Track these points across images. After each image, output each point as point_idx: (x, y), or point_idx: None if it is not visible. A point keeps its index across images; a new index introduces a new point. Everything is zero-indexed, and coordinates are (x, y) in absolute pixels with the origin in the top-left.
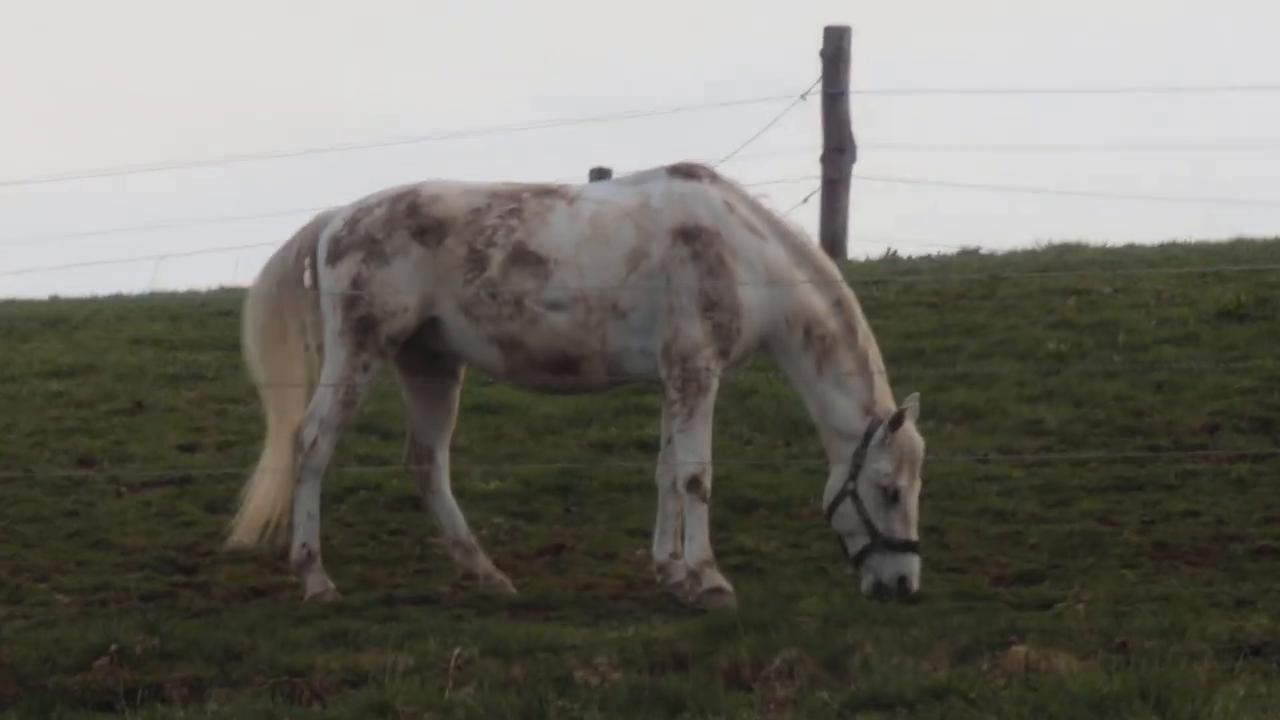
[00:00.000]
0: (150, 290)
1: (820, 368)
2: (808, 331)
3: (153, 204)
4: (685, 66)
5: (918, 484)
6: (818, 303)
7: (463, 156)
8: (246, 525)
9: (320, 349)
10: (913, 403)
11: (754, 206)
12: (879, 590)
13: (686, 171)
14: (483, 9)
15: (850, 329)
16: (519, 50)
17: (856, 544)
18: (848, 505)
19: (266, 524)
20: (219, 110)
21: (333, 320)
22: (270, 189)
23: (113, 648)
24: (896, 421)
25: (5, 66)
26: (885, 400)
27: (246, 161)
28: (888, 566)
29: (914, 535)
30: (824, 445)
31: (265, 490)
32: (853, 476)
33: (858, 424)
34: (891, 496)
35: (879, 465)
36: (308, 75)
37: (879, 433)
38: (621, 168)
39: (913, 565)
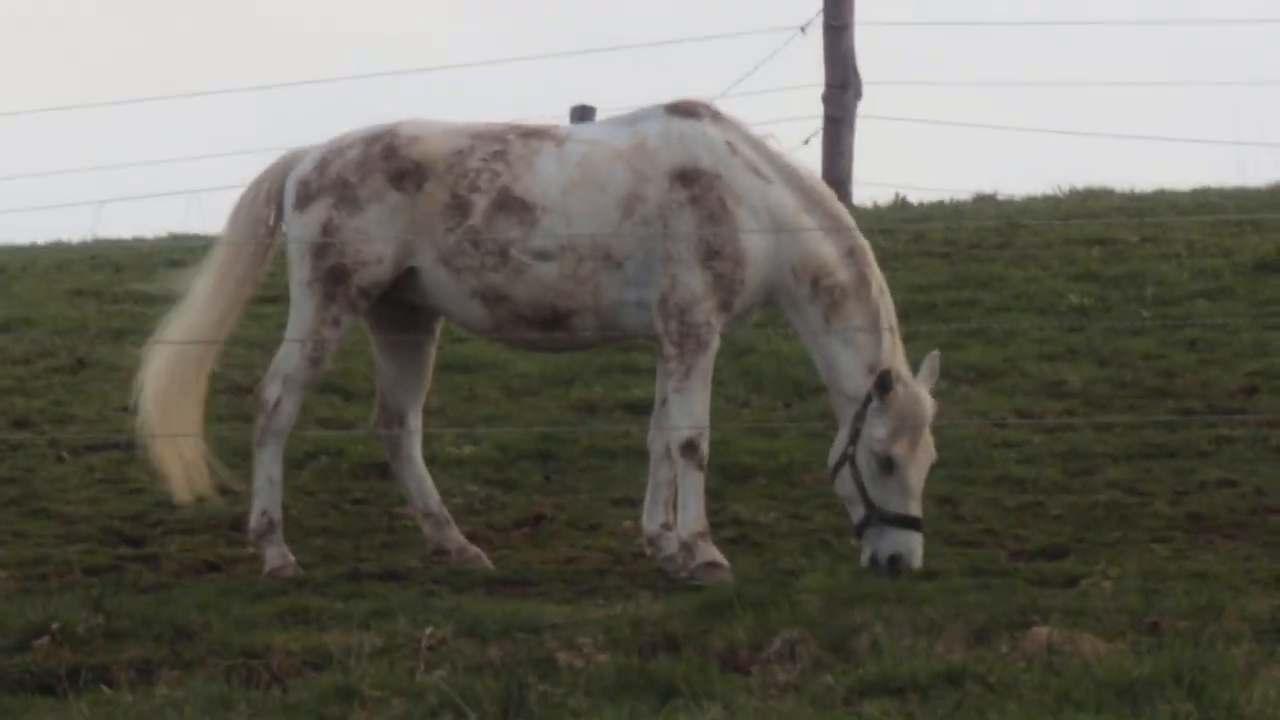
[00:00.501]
0: (92, 237)
1: (828, 321)
2: (815, 282)
3: (95, 143)
4: None
5: (923, 454)
6: (828, 251)
7: (433, 93)
8: (177, 489)
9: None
10: (932, 362)
11: (759, 147)
12: (874, 565)
13: (686, 110)
14: None
15: (863, 280)
16: None
17: (856, 514)
18: (846, 472)
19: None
20: (167, 41)
21: (300, 270)
22: (227, 127)
23: (53, 626)
24: (883, 383)
25: None
26: (893, 359)
27: (199, 97)
28: (882, 542)
29: (912, 510)
30: (832, 406)
31: (169, 460)
32: (852, 441)
33: (861, 384)
34: (885, 464)
35: (873, 430)
36: (263, 4)
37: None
38: (605, 106)
39: (909, 542)
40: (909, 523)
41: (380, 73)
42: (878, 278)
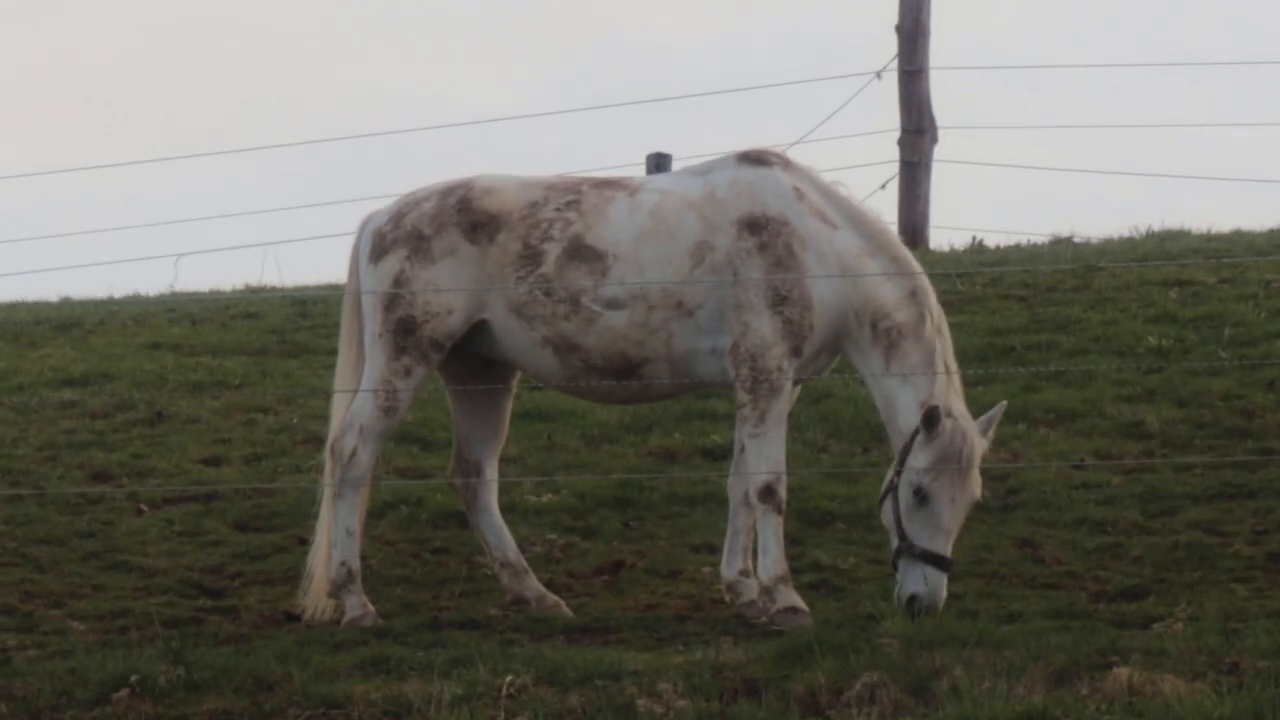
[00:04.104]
0: (169, 290)
1: (887, 363)
2: (874, 325)
3: (171, 198)
4: (750, 46)
5: (964, 494)
6: (886, 294)
7: (510, 146)
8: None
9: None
10: (997, 411)
11: (827, 193)
12: (898, 601)
13: (756, 158)
14: None
15: (920, 320)
16: (564, 33)
17: (893, 544)
18: (889, 501)
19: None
20: (240, 100)
21: (373, 321)
22: (298, 181)
23: (133, 679)
24: (930, 418)
25: (9, 57)
26: (945, 397)
27: (271, 151)
28: (907, 579)
29: (939, 547)
30: (891, 444)
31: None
32: (898, 472)
33: (914, 420)
34: (920, 497)
35: (914, 461)
36: (336, 62)
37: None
38: (683, 154)
39: (932, 583)
40: (934, 560)
41: (456, 123)
42: (935, 318)
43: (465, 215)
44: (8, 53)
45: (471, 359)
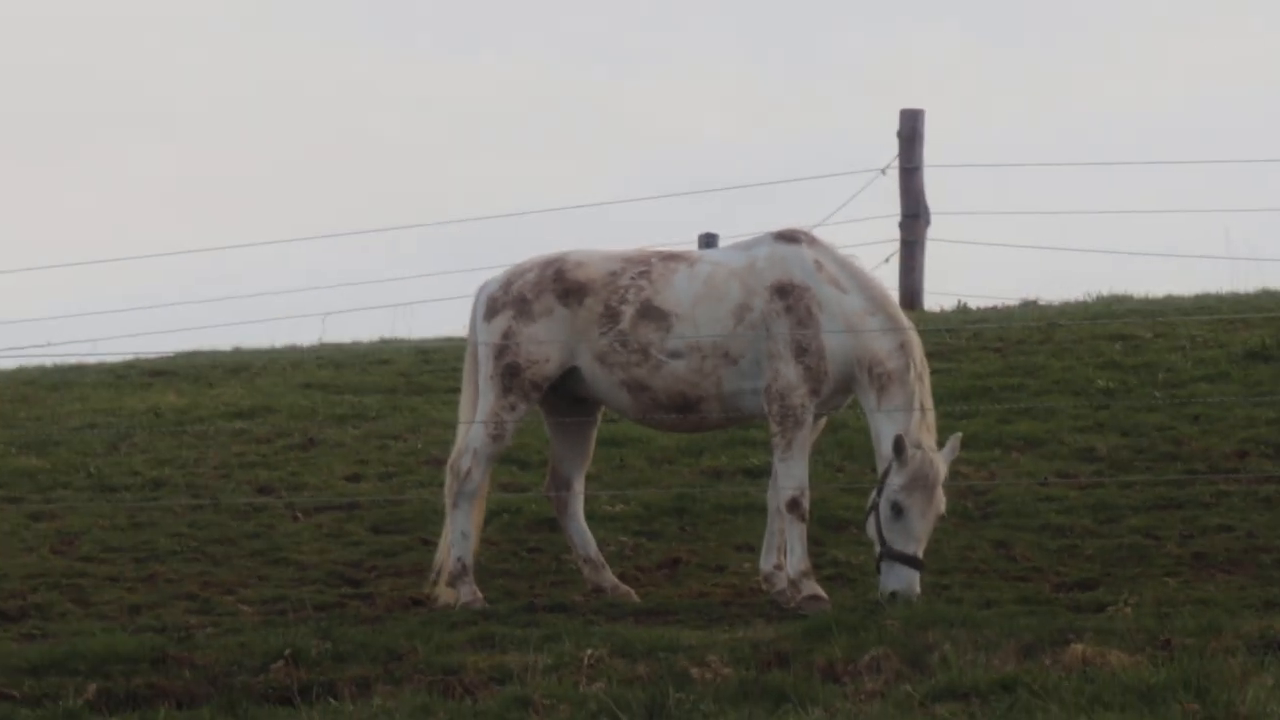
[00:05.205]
0: (319, 341)
1: (879, 402)
2: (870, 370)
3: (319, 267)
4: (781, 144)
5: (933, 508)
6: (882, 346)
7: (590, 226)
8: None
9: None
10: (954, 441)
11: (842, 264)
12: (882, 595)
13: (789, 236)
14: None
15: (905, 369)
16: (628, 136)
17: (876, 551)
18: (871, 517)
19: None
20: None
21: (486, 366)
22: (417, 255)
23: (288, 651)
24: (896, 446)
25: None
26: (916, 432)
27: (396, 231)
28: (889, 578)
29: (913, 550)
30: (877, 468)
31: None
32: (879, 493)
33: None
34: (897, 511)
35: (892, 482)
36: (438, 160)
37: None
38: (727, 233)
39: (908, 580)
40: (910, 561)
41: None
42: (918, 366)
43: (560, 284)
44: (201, 147)
45: (565, 396)
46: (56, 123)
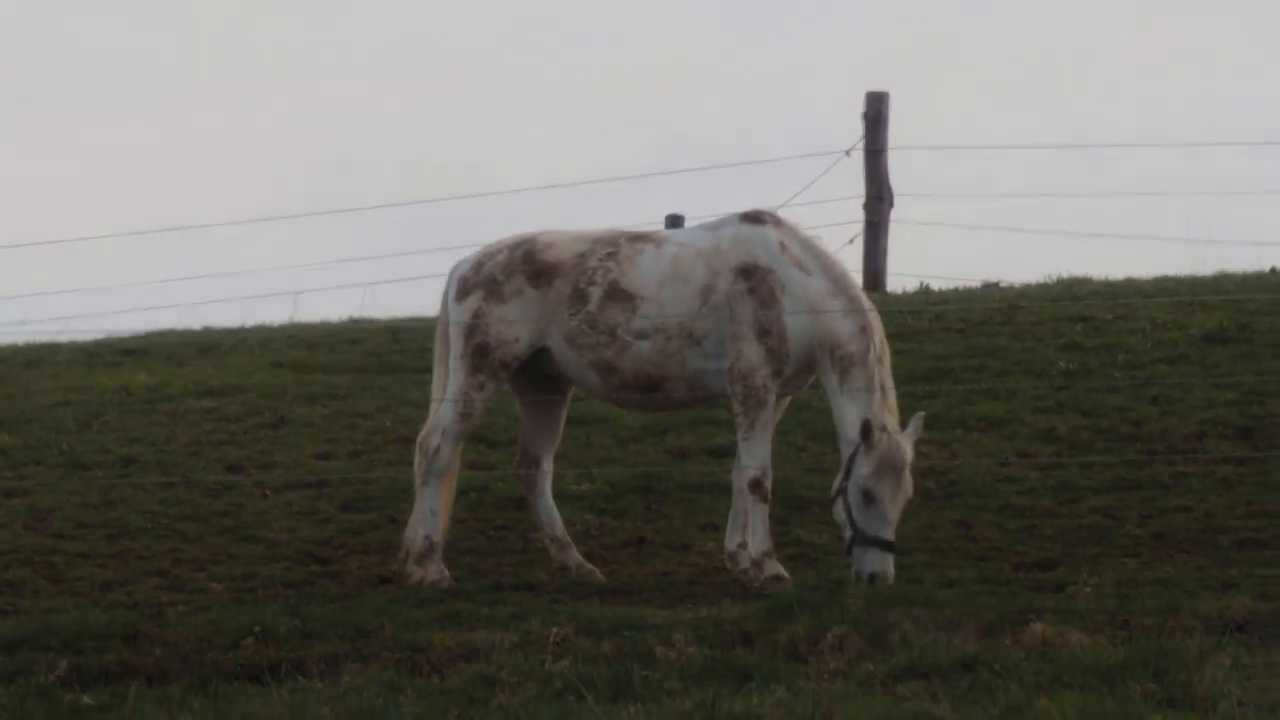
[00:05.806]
0: (290, 321)
1: (841, 383)
2: (832, 352)
3: (289, 247)
4: (748, 128)
5: (902, 491)
6: (843, 328)
7: (559, 206)
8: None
9: None
10: (917, 421)
11: (806, 245)
12: (859, 579)
13: (754, 218)
14: (562, 85)
15: (866, 351)
16: (586, 114)
17: (846, 536)
18: (839, 502)
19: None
20: (336, 166)
21: (456, 346)
22: (387, 235)
23: (258, 628)
24: (864, 431)
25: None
26: (880, 414)
27: (366, 211)
28: (864, 561)
29: (887, 534)
30: (840, 449)
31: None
32: (846, 477)
33: (855, 430)
34: (867, 497)
35: (860, 469)
36: (409, 140)
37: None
38: (694, 213)
39: (883, 563)
40: (885, 545)
41: (526, 188)
42: (878, 348)
43: (529, 265)
44: (180, 123)
45: (535, 375)
46: (29, 101)
